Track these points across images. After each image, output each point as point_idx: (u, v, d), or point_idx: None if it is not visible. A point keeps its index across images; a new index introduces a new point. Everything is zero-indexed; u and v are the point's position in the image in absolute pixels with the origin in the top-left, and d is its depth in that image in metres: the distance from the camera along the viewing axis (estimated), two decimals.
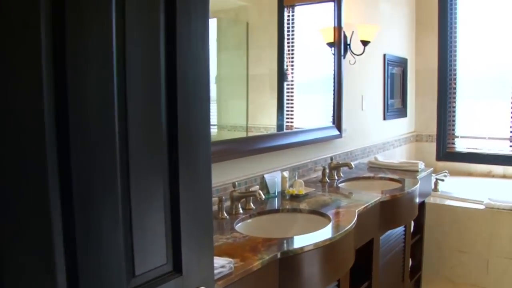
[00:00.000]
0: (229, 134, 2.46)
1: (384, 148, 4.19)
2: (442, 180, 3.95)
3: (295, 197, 2.51)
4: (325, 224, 2.05)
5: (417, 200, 2.92)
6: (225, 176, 2.34)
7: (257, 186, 2.47)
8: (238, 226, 2.04)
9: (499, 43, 4.57)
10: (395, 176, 3.13)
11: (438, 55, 4.76)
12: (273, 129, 2.71)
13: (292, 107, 2.88)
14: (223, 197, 2.16)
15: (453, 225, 3.66)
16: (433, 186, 3.86)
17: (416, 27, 4.85)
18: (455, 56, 4.77)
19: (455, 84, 4.80)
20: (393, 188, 2.84)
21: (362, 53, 3.35)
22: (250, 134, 2.54)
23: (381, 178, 3.13)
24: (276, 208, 2.34)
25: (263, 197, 2.16)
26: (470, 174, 4.71)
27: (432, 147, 4.90)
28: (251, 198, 2.26)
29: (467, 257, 3.64)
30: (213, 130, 2.30)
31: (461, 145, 4.84)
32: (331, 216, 2.14)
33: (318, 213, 2.24)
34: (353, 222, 2.04)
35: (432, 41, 4.78)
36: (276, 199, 2.53)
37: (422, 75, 4.87)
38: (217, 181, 2.25)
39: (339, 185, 2.93)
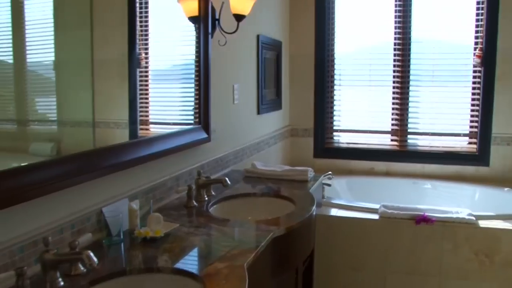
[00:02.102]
0: (71, 132, 1.76)
1: (259, 148, 3.49)
2: (329, 185, 3.36)
3: (149, 242, 1.67)
4: None
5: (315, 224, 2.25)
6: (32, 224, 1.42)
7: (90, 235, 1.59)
8: None
9: (378, 25, 4.10)
10: (284, 191, 2.42)
11: (315, 38, 4.17)
12: (125, 125, 2.03)
13: (147, 100, 2.17)
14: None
15: (345, 239, 3.08)
16: None
17: (291, 6, 4.21)
18: (333, 40, 4.21)
19: (333, 71, 4.25)
20: (286, 211, 2.11)
21: (235, 30, 2.58)
22: (98, 130, 1.86)
23: (264, 195, 2.40)
24: (120, 268, 1.48)
25: (95, 261, 1.29)
26: (350, 171, 4.21)
27: (309, 142, 4.32)
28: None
29: (362, 275, 3.07)
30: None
31: (340, 140, 4.33)
32: (205, 282, 1.34)
33: (186, 274, 1.43)
34: None
35: (308, 23, 4.17)
36: (122, 245, 1.67)
37: (297, 61, 4.26)
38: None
39: (211, 209, 2.15)
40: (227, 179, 2.15)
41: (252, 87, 3.33)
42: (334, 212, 3.15)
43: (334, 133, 4.32)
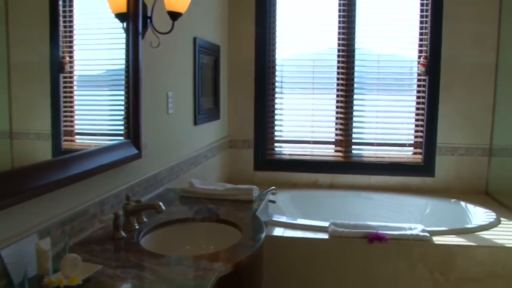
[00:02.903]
0: None
1: (197, 162, 3.16)
2: (273, 202, 3.08)
3: None
4: None
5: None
6: None
7: None
8: None
9: (322, 32, 3.90)
10: (227, 215, 2.11)
11: (255, 43, 3.90)
12: (47, 136, 1.70)
13: (72, 108, 1.84)
14: None
15: (293, 261, 2.80)
16: None
17: (230, 9, 3.92)
18: (274, 45, 3.96)
19: (274, 78, 4.00)
20: (231, 241, 1.79)
21: (171, 30, 2.26)
22: (16, 141, 1.51)
23: (205, 219, 2.07)
24: None
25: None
26: (294, 185, 3.97)
27: (249, 154, 4.04)
28: None
29: None
30: None
31: (283, 151, 4.08)
32: None
33: None
34: None
35: (248, 27, 3.90)
36: None
37: (237, 67, 3.97)
38: None
39: (143, 239, 1.81)
40: (161, 204, 1.81)
41: (188, 95, 3.01)
42: (280, 231, 2.87)
43: (276, 144, 4.07)
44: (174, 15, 2.22)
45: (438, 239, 2.76)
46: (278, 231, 2.87)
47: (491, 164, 3.79)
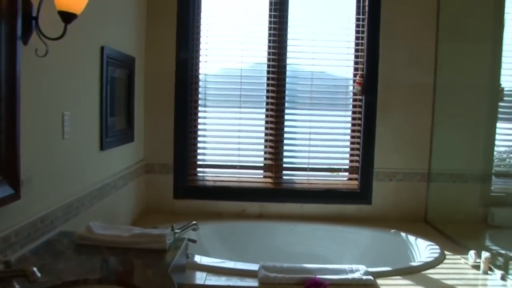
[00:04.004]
0: None
1: (103, 193, 2.66)
2: (194, 242, 2.63)
3: None
4: None
5: None
6: None
7: None
8: None
9: (251, 43, 3.54)
10: (132, 272, 1.65)
11: (177, 55, 3.46)
12: None
13: None
14: None
15: None
16: None
17: (148, 16, 3.46)
18: (197, 58, 3.54)
19: (197, 95, 3.58)
20: None
21: (62, 35, 1.78)
22: None
23: (102, 281, 1.59)
24: None
25: None
26: (219, 215, 3.54)
27: (168, 180, 3.57)
28: None
29: None
30: None
31: (206, 177, 3.65)
32: None
33: None
34: None
35: (169, 36, 3.46)
36: None
37: (155, 82, 3.50)
38: None
39: None
40: (35, 270, 1.32)
41: (93, 115, 2.52)
42: (201, 278, 2.41)
43: (199, 169, 3.63)
44: (67, 17, 1.75)
45: (383, 283, 2.43)
46: (199, 278, 2.42)
47: (430, 190, 3.57)
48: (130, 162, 3.23)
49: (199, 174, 3.64)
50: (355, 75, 3.53)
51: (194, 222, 2.78)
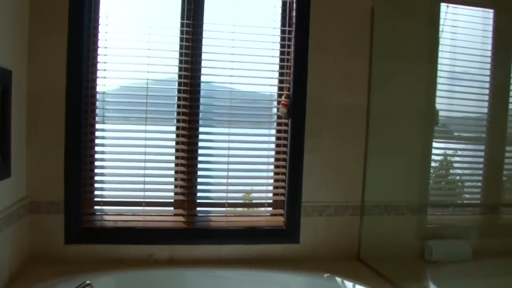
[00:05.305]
0: None
1: None
2: None
3: None
4: None
5: None
6: None
7: None
8: None
9: (160, 56, 3.01)
10: None
11: (68, 68, 2.85)
12: None
13: None
14: None
15: None
16: None
17: (32, 22, 2.83)
18: (94, 73, 2.95)
19: (94, 118, 2.99)
20: None
21: None
22: None
23: None
24: None
25: None
26: (120, 262, 2.95)
27: (58, 221, 2.92)
28: None
29: None
30: None
31: (105, 217, 3.06)
32: None
33: None
34: None
35: (59, 45, 2.85)
36: None
37: (40, 100, 2.85)
38: None
39: None
40: None
41: None
42: None
43: (96, 207, 3.02)
44: None
45: None
46: None
47: (363, 224, 3.23)
48: (6, 203, 2.57)
49: (96, 213, 3.03)
50: (279, 95, 3.11)
51: (87, 282, 2.22)
